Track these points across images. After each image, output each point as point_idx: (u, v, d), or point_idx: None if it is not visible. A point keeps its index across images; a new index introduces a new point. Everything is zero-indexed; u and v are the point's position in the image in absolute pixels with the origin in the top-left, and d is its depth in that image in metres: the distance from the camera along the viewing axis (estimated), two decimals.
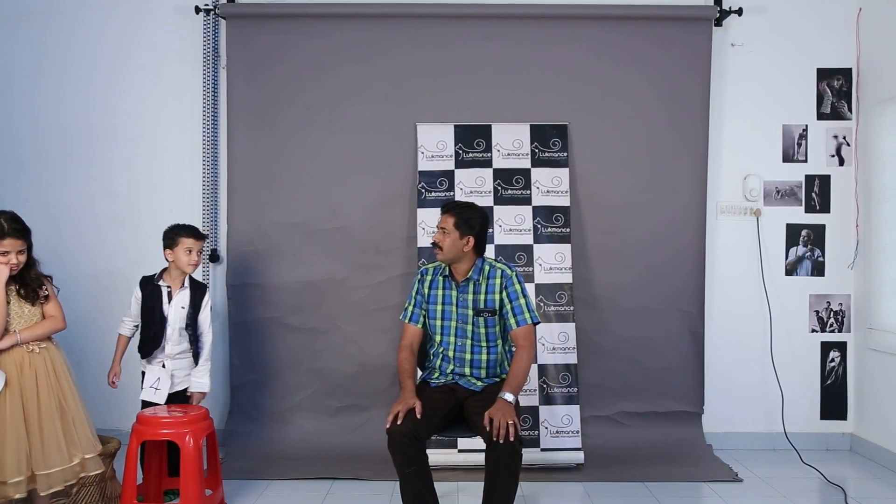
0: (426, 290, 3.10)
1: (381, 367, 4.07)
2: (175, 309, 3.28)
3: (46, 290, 2.95)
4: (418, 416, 2.77)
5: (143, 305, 3.30)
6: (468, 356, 3.03)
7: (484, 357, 3.03)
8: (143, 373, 3.32)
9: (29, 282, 2.90)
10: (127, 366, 3.40)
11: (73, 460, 2.83)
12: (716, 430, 4.18)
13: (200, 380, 3.33)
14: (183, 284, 3.31)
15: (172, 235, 3.28)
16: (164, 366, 3.28)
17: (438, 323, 3.07)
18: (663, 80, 4.15)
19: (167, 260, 3.31)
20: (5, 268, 2.81)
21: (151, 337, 3.27)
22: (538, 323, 3.03)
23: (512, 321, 2.96)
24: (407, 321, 3.12)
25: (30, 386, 2.80)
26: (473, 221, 2.99)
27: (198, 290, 3.35)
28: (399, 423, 2.74)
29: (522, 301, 2.97)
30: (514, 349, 2.99)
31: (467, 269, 3.02)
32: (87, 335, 4.12)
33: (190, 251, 3.26)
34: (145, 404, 3.26)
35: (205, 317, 3.34)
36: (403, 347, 3.09)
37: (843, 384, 4.26)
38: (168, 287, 3.29)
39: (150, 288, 3.30)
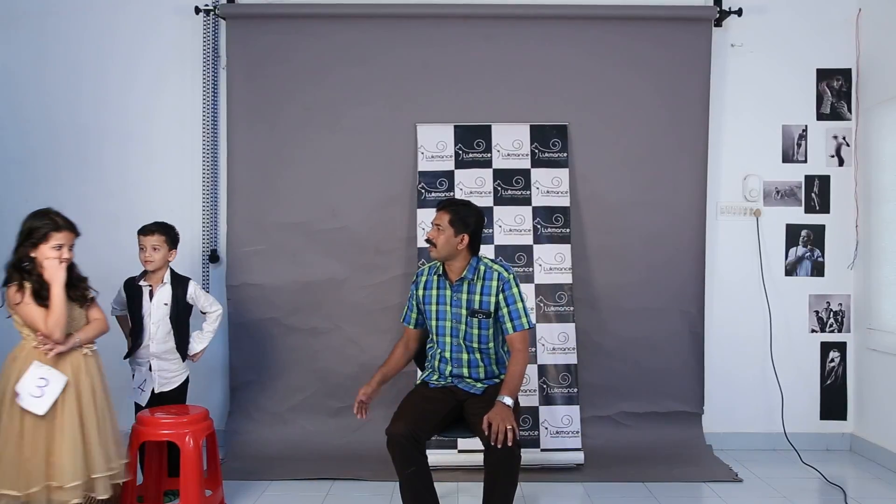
0: (421, 292, 3.09)
1: None
2: (157, 306, 3.27)
3: (91, 292, 2.86)
4: (363, 399, 2.95)
5: (127, 306, 3.33)
6: (464, 356, 3.01)
7: (478, 357, 3.00)
8: (134, 374, 3.34)
9: (76, 283, 2.80)
10: (125, 367, 3.39)
11: (115, 468, 2.76)
12: (716, 431, 4.18)
13: (198, 344, 3.38)
14: (163, 281, 3.30)
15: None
16: (150, 368, 3.28)
17: (434, 323, 3.05)
18: (663, 80, 4.14)
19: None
20: (62, 267, 2.69)
21: (135, 337, 3.29)
22: (534, 326, 3.02)
23: (509, 325, 2.94)
24: (402, 322, 3.16)
25: (86, 389, 2.72)
26: (469, 219, 2.95)
27: (179, 284, 3.32)
28: (355, 413, 2.93)
29: (520, 305, 2.95)
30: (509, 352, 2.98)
31: (461, 268, 2.98)
32: None
33: (142, 249, 3.26)
34: (138, 405, 3.28)
35: (202, 300, 3.35)
36: (399, 344, 3.15)
37: (843, 384, 4.26)
38: (149, 286, 3.29)
39: (132, 289, 3.31)
